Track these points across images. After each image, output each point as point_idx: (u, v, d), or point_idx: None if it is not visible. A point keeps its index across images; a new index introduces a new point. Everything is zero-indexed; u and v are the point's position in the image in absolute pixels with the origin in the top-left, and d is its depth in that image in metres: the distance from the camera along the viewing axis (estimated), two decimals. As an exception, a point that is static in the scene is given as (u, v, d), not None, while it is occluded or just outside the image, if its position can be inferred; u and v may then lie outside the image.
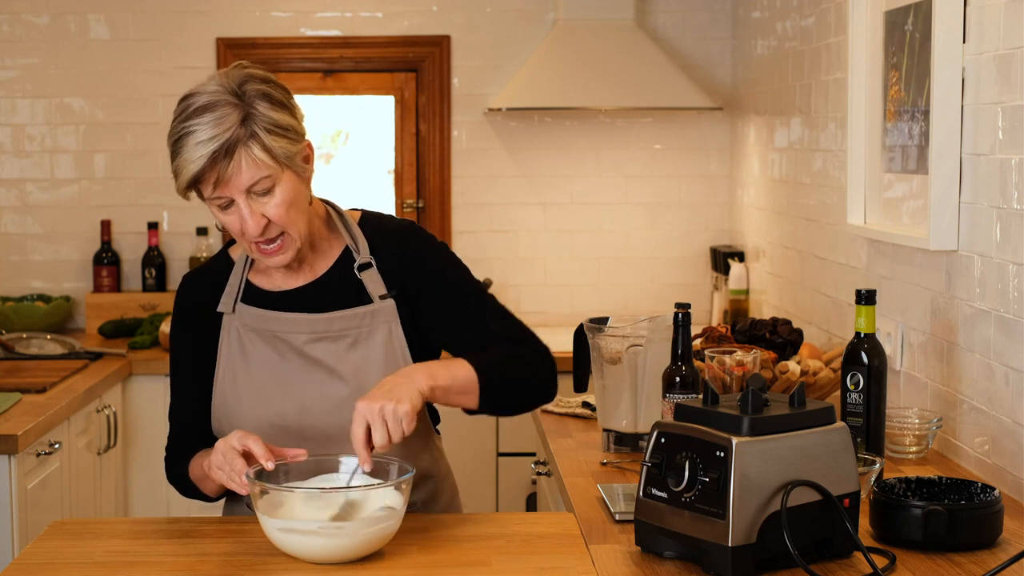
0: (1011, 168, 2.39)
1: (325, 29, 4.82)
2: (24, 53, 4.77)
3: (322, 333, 2.22)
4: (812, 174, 3.71)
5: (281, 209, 2.10)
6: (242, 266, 2.27)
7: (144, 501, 4.24)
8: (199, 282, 2.31)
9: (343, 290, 2.24)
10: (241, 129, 2.05)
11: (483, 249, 4.84)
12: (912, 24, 2.85)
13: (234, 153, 2.05)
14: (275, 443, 2.11)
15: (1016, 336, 2.38)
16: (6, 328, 4.48)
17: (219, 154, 2.04)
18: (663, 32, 4.85)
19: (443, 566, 1.97)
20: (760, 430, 1.88)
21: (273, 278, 2.27)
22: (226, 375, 2.24)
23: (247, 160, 2.06)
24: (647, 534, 1.99)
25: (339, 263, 2.26)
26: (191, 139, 2.06)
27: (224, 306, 2.26)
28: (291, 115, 2.12)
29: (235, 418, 2.22)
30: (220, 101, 2.06)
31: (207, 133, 2.04)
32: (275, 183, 2.09)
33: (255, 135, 2.06)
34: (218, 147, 2.04)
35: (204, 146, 2.04)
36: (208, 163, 2.05)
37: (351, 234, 2.26)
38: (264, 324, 2.23)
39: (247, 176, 2.06)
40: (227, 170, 2.05)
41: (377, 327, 2.22)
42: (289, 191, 2.11)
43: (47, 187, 4.81)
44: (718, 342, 2.94)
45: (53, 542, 2.11)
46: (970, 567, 1.96)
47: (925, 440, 2.63)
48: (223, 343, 2.25)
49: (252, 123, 2.06)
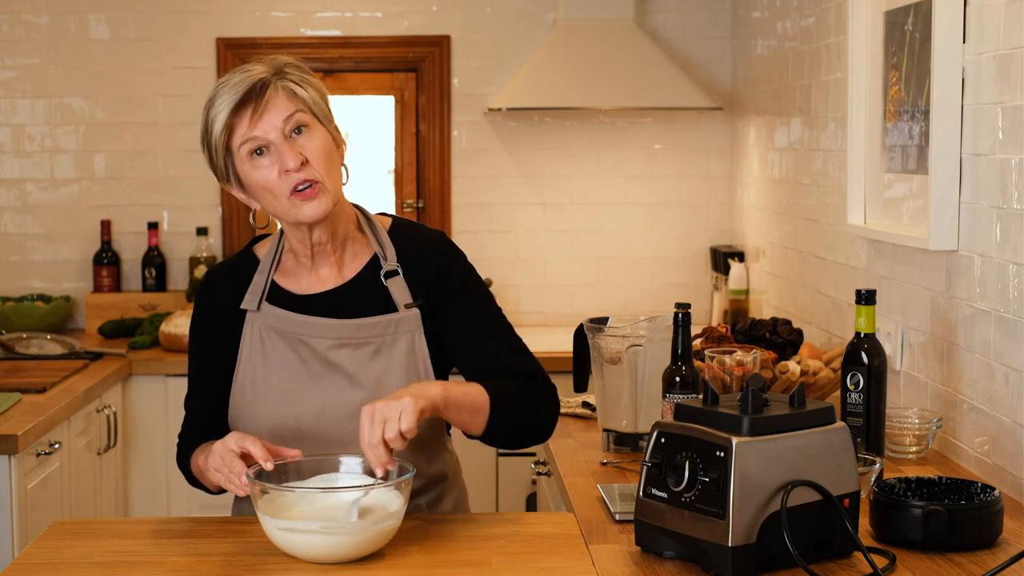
0: (1011, 168, 2.39)
1: (325, 29, 4.83)
2: (24, 53, 4.77)
3: (346, 339, 2.20)
4: (812, 174, 3.71)
5: (319, 151, 2.13)
6: (268, 264, 2.26)
7: (144, 501, 4.25)
8: (223, 278, 2.30)
9: (369, 297, 2.23)
10: (275, 75, 2.13)
11: (483, 249, 4.84)
12: (912, 24, 2.85)
13: (267, 88, 2.12)
14: (290, 446, 2.11)
15: (1016, 336, 2.38)
16: (6, 328, 4.48)
17: (253, 90, 2.11)
18: (663, 32, 4.85)
19: (443, 566, 1.97)
20: (760, 430, 1.88)
21: (300, 280, 2.25)
22: (245, 374, 2.23)
23: (284, 91, 2.12)
24: (647, 534, 1.99)
25: (367, 269, 2.25)
26: (224, 87, 2.13)
27: (248, 304, 2.24)
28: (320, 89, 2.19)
29: (251, 418, 2.21)
30: (250, 66, 2.16)
31: (240, 76, 2.12)
32: (310, 124, 2.13)
33: (286, 76, 2.14)
34: (253, 83, 2.11)
35: (237, 87, 2.11)
36: (243, 97, 2.10)
37: (379, 241, 2.26)
38: (288, 326, 2.22)
39: (284, 105, 2.11)
40: (264, 98, 2.10)
41: (401, 336, 2.21)
42: (324, 140, 2.15)
43: (47, 187, 4.81)
44: (718, 342, 2.94)
45: (53, 542, 2.11)
46: (970, 567, 1.96)
47: (925, 440, 2.63)
48: (244, 341, 2.24)
49: (285, 73, 2.15)
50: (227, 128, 2.11)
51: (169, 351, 4.31)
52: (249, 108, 2.10)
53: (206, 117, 2.13)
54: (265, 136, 2.10)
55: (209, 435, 2.23)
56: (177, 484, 4.23)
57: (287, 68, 2.15)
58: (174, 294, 4.76)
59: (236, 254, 2.34)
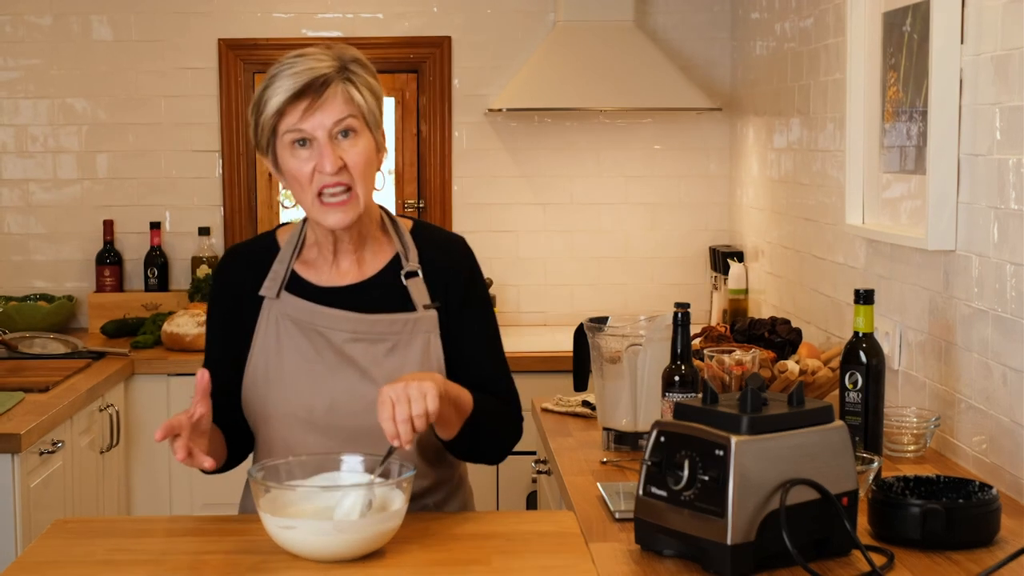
0: (1008, 168, 2.40)
1: (326, 30, 4.83)
2: (27, 54, 4.78)
3: (363, 334, 2.21)
4: (811, 174, 3.72)
5: (360, 158, 2.13)
6: (289, 253, 2.26)
7: (146, 500, 4.25)
8: (242, 260, 2.29)
9: (389, 294, 2.23)
10: (338, 73, 2.12)
11: (483, 249, 4.81)
12: (910, 25, 2.86)
13: (330, 84, 2.11)
14: (300, 437, 2.13)
15: (1014, 335, 2.39)
16: (9, 328, 4.49)
17: (313, 84, 2.10)
18: (663, 33, 4.86)
19: (443, 565, 1.98)
20: (759, 429, 1.89)
21: (320, 272, 2.25)
22: (259, 362, 2.23)
23: (343, 94, 2.11)
24: (647, 533, 2.00)
25: (388, 268, 2.25)
26: (288, 70, 2.11)
27: (267, 290, 2.24)
28: (379, 93, 2.18)
29: (263, 406, 2.22)
30: (318, 54, 2.13)
31: (305, 65, 2.11)
32: (359, 132, 2.13)
33: (351, 80, 2.13)
34: (313, 78, 2.10)
35: (299, 76, 2.10)
36: (305, 85, 2.09)
37: (402, 241, 2.26)
38: (305, 316, 2.22)
39: (338, 108, 2.11)
40: (321, 96, 2.10)
41: (417, 336, 2.22)
42: (367, 149, 2.14)
43: (50, 187, 4.82)
44: (717, 341, 2.95)
45: (56, 541, 2.11)
46: (968, 565, 1.96)
47: (923, 439, 2.64)
48: (260, 328, 2.24)
49: (348, 73, 2.13)
50: (278, 112, 2.11)
51: (171, 351, 4.32)
52: (305, 101, 2.10)
53: (262, 93, 2.13)
54: (312, 132, 2.11)
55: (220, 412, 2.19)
56: (179, 483, 4.24)
57: (352, 66, 2.14)
58: (176, 294, 4.77)
59: (258, 236, 2.34)
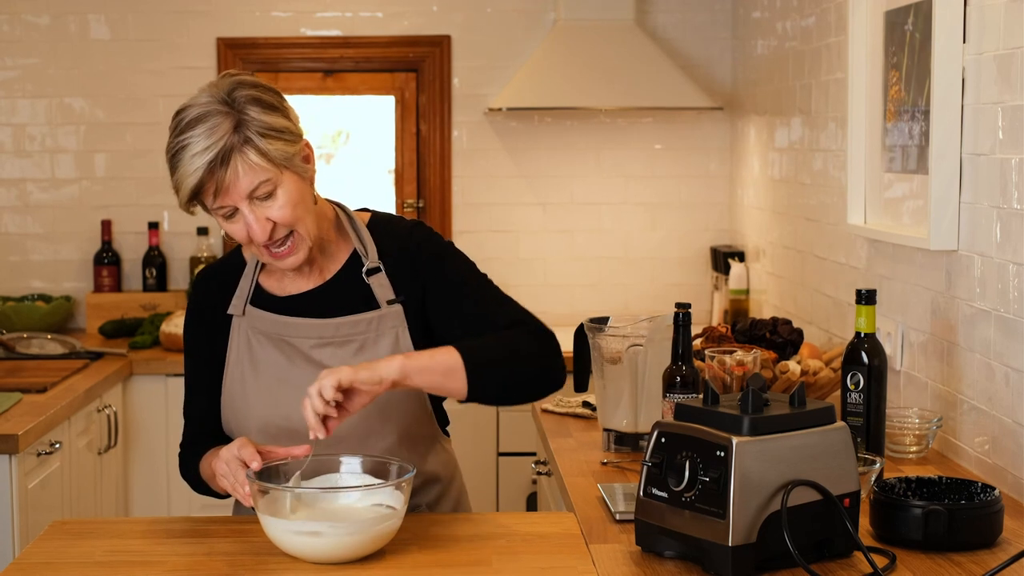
0: (1011, 168, 2.40)
1: (325, 29, 4.83)
2: (24, 53, 4.77)
3: (328, 338, 2.21)
4: (812, 174, 3.71)
5: (286, 210, 2.09)
6: (253, 268, 2.27)
7: (144, 501, 4.25)
8: (212, 281, 2.31)
9: (351, 294, 2.23)
10: (235, 136, 2.04)
11: (483, 249, 4.84)
12: (912, 24, 2.85)
13: (230, 160, 2.04)
14: (281, 444, 2.12)
15: (1016, 336, 2.38)
16: (7, 328, 4.48)
17: (215, 163, 2.04)
18: (663, 32, 4.85)
19: (443, 566, 1.97)
20: (760, 430, 1.88)
21: (282, 282, 2.26)
22: (235, 376, 2.24)
23: (244, 166, 2.05)
24: (647, 534, 1.99)
25: (347, 267, 2.25)
26: (186, 152, 2.05)
27: (234, 308, 2.26)
28: (284, 117, 2.11)
29: (242, 419, 2.23)
30: (211, 111, 2.06)
31: (201, 144, 2.04)
32: (276, 186, 2.08)
33: (249, 140, 2.05)
34: (213, 156, 2.03)
35: (200, 157, 2.04)
36: (206, 173, 2.04)
37: (360, 237, 2.25)
38: (272, 328, 2.24)
39: (246, 182, 2.06)
40: (225, 178, 2.05)
41: (384, 332, 2.22)
42: (292, 192, 2.10)
43: (47, 187, 4.82)
44: (718, 342, 2.94)
45: (53, 542, 2.11)
46: (970, 567, 1.96)
47: (925, 440, 2.63)
48: (232, 345, 2.26)
49: (245, 129, 2.05)
50: (193, 195, 2.08)
51: (169, 351, 4.31)
52: (213, 185, 2.05)
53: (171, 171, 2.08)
54: (233, 204, 2.08)
55: (215, 436, 2.25)
56: (177, 484, 4.20)
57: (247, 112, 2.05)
58: (175, 294, 4.76)
59: (226, 255, 2.35)
